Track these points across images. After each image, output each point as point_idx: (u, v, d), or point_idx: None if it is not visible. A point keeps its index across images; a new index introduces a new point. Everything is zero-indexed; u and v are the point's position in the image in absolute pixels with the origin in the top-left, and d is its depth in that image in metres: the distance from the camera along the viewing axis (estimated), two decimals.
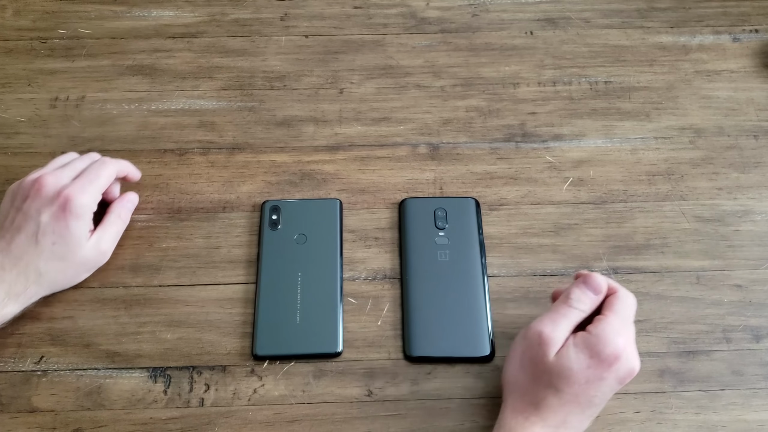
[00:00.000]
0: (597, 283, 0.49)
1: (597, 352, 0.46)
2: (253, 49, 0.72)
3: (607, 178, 0.64)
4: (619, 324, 0.48)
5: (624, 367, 0.47)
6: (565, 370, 0.46)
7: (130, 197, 0.61)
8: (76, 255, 0.55)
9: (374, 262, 0.60)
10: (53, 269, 0.54)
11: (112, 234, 0.58)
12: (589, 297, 0.49)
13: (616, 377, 0.47)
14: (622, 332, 0.47)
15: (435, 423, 0.53)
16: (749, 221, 0.62)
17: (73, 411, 0.53)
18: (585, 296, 0.49)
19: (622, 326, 0.48)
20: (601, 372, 0.46)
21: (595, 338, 0.47)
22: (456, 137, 0.67)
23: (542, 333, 0.48)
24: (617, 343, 0.46)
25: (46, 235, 0.53)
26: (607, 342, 0.46)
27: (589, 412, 0.47)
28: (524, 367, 0.48)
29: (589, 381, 0.46)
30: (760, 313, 0.58)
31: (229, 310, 0.57)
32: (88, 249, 0.56)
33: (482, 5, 0.76)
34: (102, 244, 0.57)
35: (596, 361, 0.46)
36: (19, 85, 0.69)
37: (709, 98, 0.69)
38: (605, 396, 0.47)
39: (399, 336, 0.56)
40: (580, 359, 0.46)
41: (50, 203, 0.54)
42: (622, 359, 0.46)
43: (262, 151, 0.66)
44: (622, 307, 0.49)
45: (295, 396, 0.54)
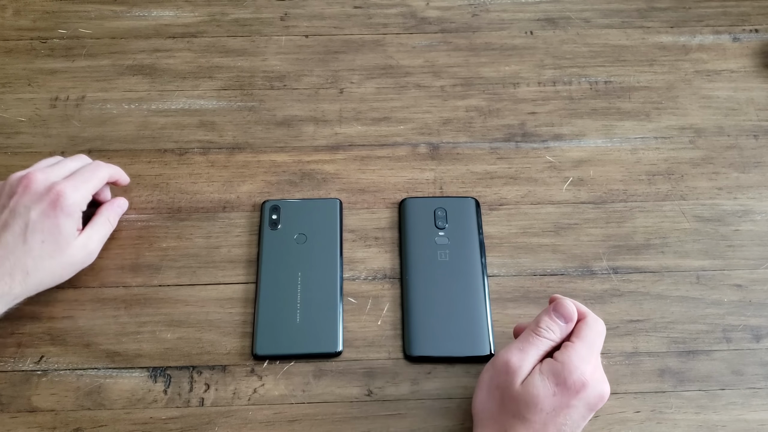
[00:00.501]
0: (568, 312, 0.48)
1: (563, 380, 0.45)
2: (253, 49, 0.72)
3: (607, 177, 0.64)
4: (586, 351, 0.46)
5: (592, 394, 0.46)
6: (531, 399, 0.45)
7: (119, 202, 0.60)
8: (64, 254, 0.54)
9: (374, 261, 0.60)
10: (41, 268, 0.53)
11: (100, 236, 0.57)
12: (558, 326, 0.48)
13: (585, 404, 0.46)
14: (590, 359, 0.46)
15: (435, 423, 0.53)
16: (749, 221, 0.62)
17: (73, 411, 0.53)
18: (554, 325, 0.48)
19: (589, 353, 0.47)
20: (567, 399, 0.45)
21: (561, 365, 0.46)
22: (456, 137, 0.67)
23: (509, 361, 0.47)
24: (583, 371, 0.45)
25: (35, 233, 0.52)
26: (573, 369, 0.45)
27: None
28: (492, 396, 0.47)
29: (556, 409, 0.45)
30: (760, 313, 0.58)
31: (229, 309, 0.57)
32: (77, 248, 0.55)
33: (482, 5, 0.76)
34: (90, 244, 0.56)
35: (562, 388, 0.45)
36: (19, 84, 0.69)
37: (709, 98, 0.69)
38: (576, 424, 0.46)
39: (399, 336, 0.56)
40: (546, 387, 0.45)
41: (40, 199, 0.53)
42: (589, 387, 0.45)
43: (262, 150, 0.66)
44: (590, 334, 0.47)
45: (295, 396, 0.54)
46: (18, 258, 0.52)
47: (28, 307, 0.57)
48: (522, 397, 0.46)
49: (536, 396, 0.45)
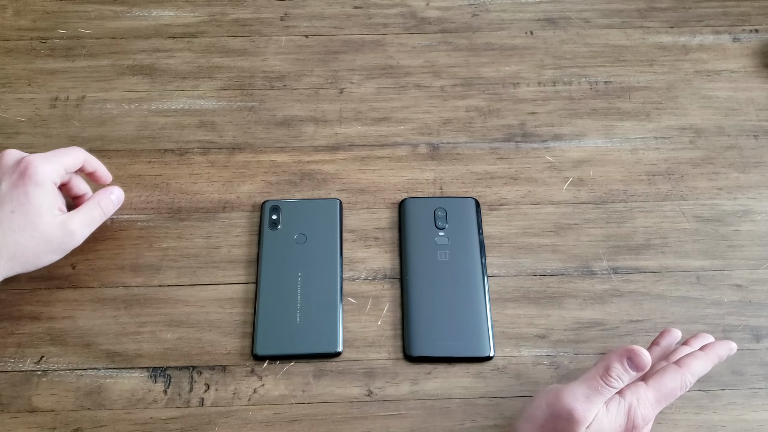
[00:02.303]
0: (643, 363, 0.45)
1: (626, 423, 0.44)
2: (253, 49, 0.72)
3: (607, 178, 0.64)
4: (654, 398, 0.45)
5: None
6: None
7: (114, 189, 0.59)
8: (36, 226, 0.52)
9: (374, 262, 0.60)
10: (11, 242, 0.51)
11: (85, 217, 0.55)
12: (629, 375, 0.45)
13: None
14: (653, 405, 0.45)
15: (435, 423, 0.53)
16: (749, 221, 0.62)
17: (73, 411, 0.53)
18: (625, 375, 0.45)
19: (656, 401, 0.46)
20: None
21: (627, 407, 0.45)
22: (456, 137, 0.67)
23: (575, 411, 0.44)
24: (643, 416, 0.45)
25: (3, 203, 0.51)
26: (637, 415, 0.44)
27: None
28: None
29: None
30: (760, 313, 0.58)
31: (229, 310, 0.57)
32: (53, 225, 0.53)
33: (482, 5, 0.76)
34: (71, 223, 0.54)
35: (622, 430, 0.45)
36: (19, 85, 0.69)
37: (709, 98, 0.69)
38: None
39: (399, 336, 0.56)
40: (612, 428, 0.44)
41: (10, 172, 0.52)
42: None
43: (262, 151, 0.66)
44: (669, 386, 0.46)
45: (295, 396, 0.54)
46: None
47: (28, 307, 0.57)
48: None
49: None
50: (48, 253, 0.54)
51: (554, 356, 0.56)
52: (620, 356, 0.45)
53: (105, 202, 0.58)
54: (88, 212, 0.56)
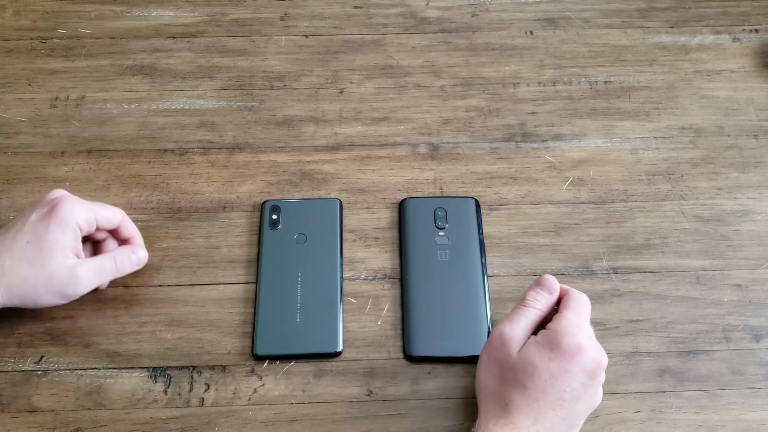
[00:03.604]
0: (549, 283, 0.51)
1: (557, 345, 0.46)
2: (253, 49, 0.72)
3: (607, 177, 0.64)
4: (576, 318, 0.48)
5: (588, 359, 0.47)
6: (528, 366, 0.46)
7: (137, 249, 0.57)
8: (44, 262, 0.51)
9: (374, 261, 0.60)
10: (16, 272, 0.51)
11: (95, 266, 0.54)
12: (543, 296, 0.50)
13: (582, 370, 0.46)
14: (580, 326, 0.48)
15: (435, 423, 0.53)
16: (749, 221, 0.62)
17: (74, 411, 0.53)
18: (539, 295, 0.50)
19: (579, 320, 0.48)
20: (564, 364, 0.46)
21: (554, 332, 0.47)
22: (456, 137, 0.67)
23: (502, 332, 0.48)
24: (575, 334, 0.47)
25: (24, 233, 0.51)
26: (566, 334, 0.47)
27: (561, 412, 0.46)
28: (491, 371, 0.49)
29: (553, 375, 0.46)
30: (760, 313, 0.58)
31: (229, 309, 0.57)
32: (61, 266, 0.51)
33: (482, 5, 0.76)
34: (79, 269, 0.52)
35: (558, 353, 0.46)
36: (19, 85, 0.69)
37: (709, 98, 0.69)
38: (576, 392, 0.46)
39: (399, 336, 0.56)
40: (541, 354, 0.47)
41: (43, 205, 0.53)
42: (584, 350, 0.47)
43: (262, 151, 0.66)
44: (577, 305, 0.49)
45: (295, 396, 0.54)
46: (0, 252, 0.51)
47: None
48: (519, 365, 0.47)
49: (532, 363, 0.46)
50: (48, 294, 0.52)
51: None
52: (532, 286, 0.51)
53: (121, 258, 0.56)
54: (100, 262, 0.54)
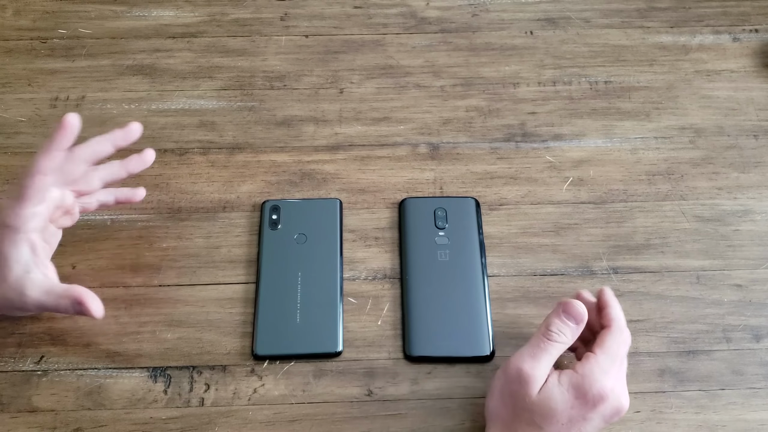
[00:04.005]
0: (578, 312, 0.46)
1: (583, 393, 0.45)
2: (253, 49, 0.72)
3: (607, 177, 0.64)
4: (608, 363, 0.46)
5: (610, 407, 0.45)
6: (547, 410, 0.45)
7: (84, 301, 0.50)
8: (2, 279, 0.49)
9: (374, 261, 0.60)
10: None
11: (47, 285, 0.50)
12: (569, 328, 0.47)
13: (601, 417, 0.45)
14: (610, 371, 0.46)
15: (435, 423, 0.53)
16: (749, 221, 0.62)
17: (74, 411, 0.53)
18: (565, 327, 0.46)
19: (611, 365, 0.46)
20: (585, 412, 0.45)
21: (581, 378, 0.45)
22: (456, 137, 0.67)
23: (522, 370, 0.46)
24: (603, 384, 0.45)
25: None
26: (593, 382, 0.45)
27: None
28: (505, 403, 0.47)
29: (572, 421, 0.45)
30: (760, 313, 0.58)
31: (229, 309, 0.57)
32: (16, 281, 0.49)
33: (482, 5, 0.76)
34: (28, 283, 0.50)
35: (581, 401, 0.45)
36: (19, 85, 0.69)
37: (709, 98, 0.69)
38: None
39: (399, 336, 0.56)
40: (564, 399, 0.45)
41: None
42: (608, 400, 0.45)
43: (262, 150, 0.66)
44: (614, 344, 0.47)
45: (295, 396, 0.54)
46: None
47: None
48: (538, 407, 0.45)
49: (554, 408, 0.45)
50: (8, 309, 0.52)
51: None
52: (556, 311, 0.47)
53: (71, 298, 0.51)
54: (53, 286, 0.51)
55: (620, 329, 0.48)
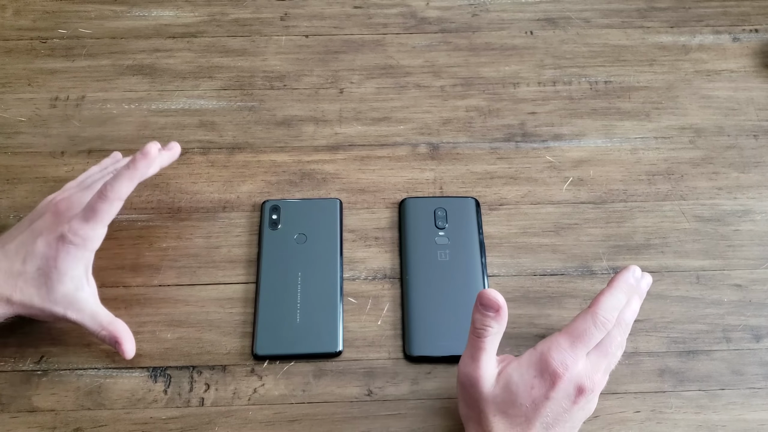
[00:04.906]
0: (491, 301, 0.45)
1: (540, 371, 0.45)
2: (253, 49, 0.72)
3: (607, 177, 0.64)
4: (569, 341, 0.45)
5: (571, 385, 0.45)
6: (508, 395, 0.45)
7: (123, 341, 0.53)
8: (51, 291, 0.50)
9: (374, 261, 0.60)
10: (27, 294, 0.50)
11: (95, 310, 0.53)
12: (490, 317, 0.45)
13: (566, 397, 0.45)
14: (573, 351, 0.45)
15: (435, 423, 0.53)
16: (749, 221, 0.62)
17: (74, 411, 0.53)
18: (487, 319, 0.45)
19: (573, 344, 0.45)
20: (545, 391, 0.44)
21: (538, 354, 0.45)
22: (456, 137, 0.67)
23: (466, 375, 0.46)
24: (561, 361, 0.44)
25: (34, 258, 0.50)
26: (549, 359, 0.45)
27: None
28: (469, 405, 0.47)
29: (536, 402, 0.44)
30: (760, 313, 0.58)
31: (229, 309, 0.57)
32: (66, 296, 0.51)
33: (482, 5, 0.76)
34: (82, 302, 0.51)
35: (539, 380, 0.44)
36: (19, 84, 0.69)
37: (709, 98, 0.69)
38: (559, 416, 0.45)
39: (399, 336, 0.56)
40: (524, 380, 0.45)
41: (49, 226, 0.51)
42: (565, 377, 0.44)
43: (262, 150, 0.66)
44: (580, 324, 0.46)
45: (295, 396, 0.54)
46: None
47: None
48: (499, 397, 0.45)
49: (514, 392, 0.45)
50: (50, 318, 0.53)
51: None
52: (475, 306, 0.46)
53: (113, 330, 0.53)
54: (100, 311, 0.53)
55: (593, 313, 0.46)
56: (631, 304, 0.49)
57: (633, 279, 0.50)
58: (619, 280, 0.49)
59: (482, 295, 0.45)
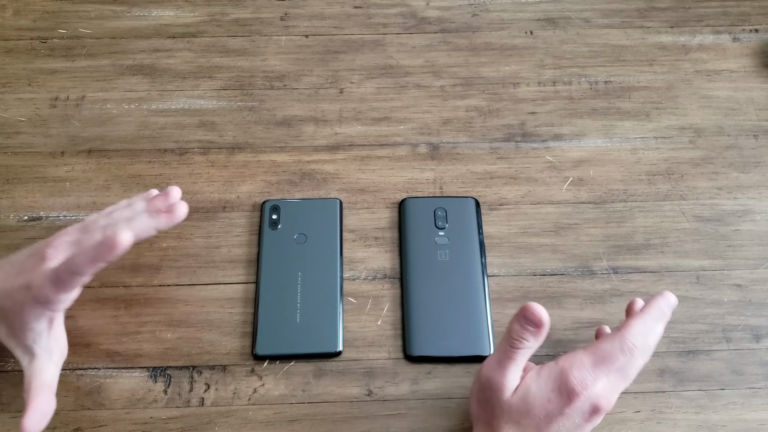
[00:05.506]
0: (535, 317, 0.44)
1: (558, 386, 0.44)
2: (253, 49, 0.72)
3: (607, 177, 0.64)
4: (591, 361, 0.45)
5: (587, 404, 0.44)
6: (524, 406, 0.45)
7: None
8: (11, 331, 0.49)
9: (374, 261, 0.60)
10: None
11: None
12: (530, 332, 0.45)
13: (580, 414, 0.45)
14: (594, 371, 0.45)
15: (435, 423, 0.53)
16: (749, 221, 0.62)
17: (74, 410, 0.53)
18: (526, 333, 0.45)
19: (595, 364, 0.45)
20: (561, 406, 0.44)
21: (559, 369, 0.45)
22: (456, 137, 0.67)
23: (490, 379, 0.46)
24: (581, 379, 0.44)
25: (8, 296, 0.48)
26: (570, 376, 0.44)
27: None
28: (483, 406, 0.47)
29: (549, 416, 0.44)
30: (760, 313, 0.58)
31: (229, 309, 0.57)
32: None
33: (482, 5, 0.76)
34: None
35: (557, 395, 0.44)
36: (19, 84, 0.69)
37: (709, 98, 0.69)
38: (569, 431, 0.45)
39: (399, 336, 0.56)
40: (541, 393, 0.45)
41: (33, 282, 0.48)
42: (582, 395, 0.44)
43: (262, 150, 0.66)
44: (606, 346, 0.46)
45: (295, 395, 0.54)
46: None
47: None
48: (515, 406, 0.45)
49: (530, 404, 0.45)
50: None
51: (554, 356, 0.55)
52: (517, 317, 0.45)
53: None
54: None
55: (621, 337, 0.46)
56: (656, 328, 0.48)
57: (666, 307, 0.49)
58: (653, 306, 0.49)
59: (527, 308, 0.44)
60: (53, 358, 0.51)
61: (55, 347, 0.51)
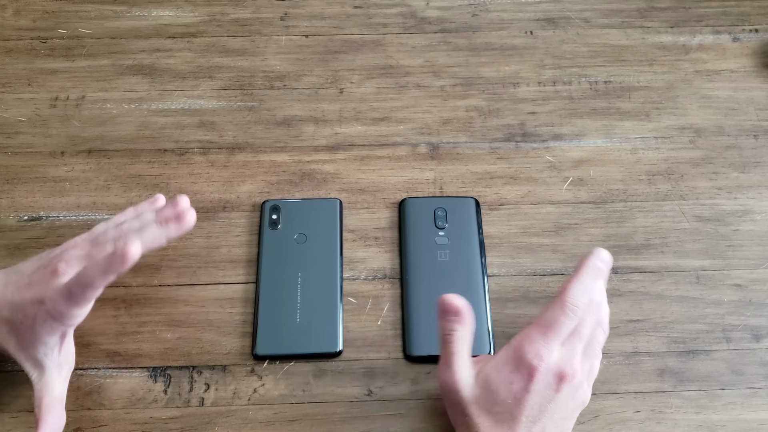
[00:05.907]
0: (450, 306, 0.46)
1: (516, 365, 0.45)
2: (253, 49, 0.72)
3: (607, 177, 0.64)
4: (539, 332, 0.45)
5: (551, 376, 0.44)
6: (489, 394, 0.45)
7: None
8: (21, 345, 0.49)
9: (374, 261, 0.60)
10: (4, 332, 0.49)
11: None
12: (454, 321, 0.46)
13: (548, 388, 0.44)
14: (546, 342, 0.45)
15: (435, 423, 0.53)
16: (749, 221, 0.62)
17: (73, 410, 0.53)
18: (451, 323, 0.46)
19: (542, 334, 0.45)
20: (525, 384, 0.44)
21: (512, 349, 0.46)
22: (456, 137, 0.67)
23: (445, 382, 0.46)
24: (536, 353, 0.44)
25: (19, 308, 0.48)
26: (524, 353, 0.45)
27: (536, 428, 0.44)
28: (455, 411, 0.47)
29: (516, 397, 0.44)
30: (760, 313, 0.58)
31: (229, 309, 0.57)
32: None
33: (482, 5, 0.76)
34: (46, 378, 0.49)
35: (517, 374, 0.45)
36: (19, 84, 0.69)
37: (709, 98, 0.69)
38: (543, 407, 0.45)
39: (399, 336, 0.56)
40: (502, 377, 0.45)
41: (42, 288, 0.48)
42: (540, 368, 0.44)
43: (262, 150, 0.66)
44: (548, 314, 0.46)
45: (295, 395, 0.54)
46: None
47: None
48: (480, 397, 0.45)
49: (494, 390, 0.45)
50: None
51: None
52: (439, 314, 0.46)
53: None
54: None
55: (561, 301, 0.46)
56: (595, 284, 0.48)
57: (601, 262, 0.49)
58: (586, 265, 0.49)
59: (442, 302, 0.46)
60: (63, 372, 0.51)
61: (65, 362, 0.51)
